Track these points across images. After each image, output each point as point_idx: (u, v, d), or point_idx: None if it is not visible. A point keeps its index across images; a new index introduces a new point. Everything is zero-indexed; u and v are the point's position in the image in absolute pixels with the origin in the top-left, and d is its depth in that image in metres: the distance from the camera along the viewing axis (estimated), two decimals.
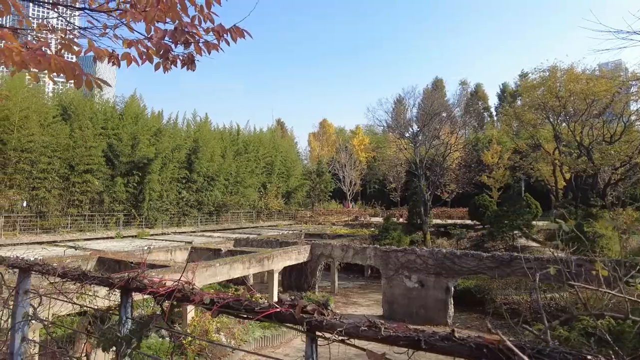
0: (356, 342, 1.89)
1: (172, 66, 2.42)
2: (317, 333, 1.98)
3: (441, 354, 1.62)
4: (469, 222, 32.44)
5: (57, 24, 3.60)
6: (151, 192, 26.66)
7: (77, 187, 23.36)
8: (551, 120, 30.52)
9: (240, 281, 19.93)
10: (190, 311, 13.08)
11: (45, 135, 21.59)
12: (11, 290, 3.85)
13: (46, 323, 3.67)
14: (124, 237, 24.43)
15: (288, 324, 2.05)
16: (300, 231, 29.75)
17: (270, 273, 18.54)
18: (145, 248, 19.21)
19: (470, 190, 33.77)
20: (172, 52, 2.25)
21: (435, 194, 31.19)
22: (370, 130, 65.46)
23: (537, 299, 12.56)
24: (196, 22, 2.12)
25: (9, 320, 3.86)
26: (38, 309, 3.70)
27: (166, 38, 2.25)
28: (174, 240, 22.55)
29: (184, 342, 11.05)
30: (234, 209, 34.52)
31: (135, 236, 25.08)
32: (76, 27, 2.70)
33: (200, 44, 2.34)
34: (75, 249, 17.55)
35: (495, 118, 72.16)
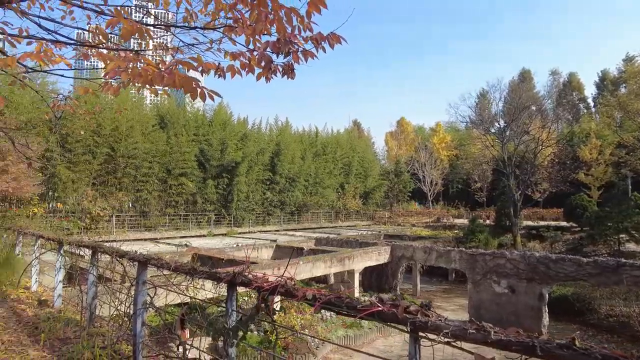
0: (462, 344, 1.86)
1: (272, 75, 2.57)
2: (421, 334, 1.98)
3: None
4: (564, 223, 29.82)
5: (163, 42, 4.01)
6: (239, 193, 28.30)
7: (173, 189, 25.60)
8: None
9: (322, 279, 20.34)
10: (275, 308, 13.65)
11: (146, 142, 23.98)
12: (132, 281, 4.37)
13: (160, 311, 4.10)
14: (215, 235, 26.21)
15: (390, 323, 2.08)
16: (379, 232, 29.52)
17: (351, 273, 18.67)
18: (234, 245, 20.42)
19: (565, 189, 30.82)
20: (274, 62, 2.40)
21: (526, 194, 28.96)
22: (452, 127, 62.69)
23: None
24: (296, 31, 2.24)
25: (131, 306, 4.38)
26: (153, 298, 4.15)
27: (268, 49, 2.41)
28: (259, 239, 23.69)
29: (270, 336, 11.57)
30: (313, 209, 35.31)
31: (225, 234, 26.77)
32: (185, 44, 2.99)
33: (299, 53, 2.46)
34: (180, 246, 19.15)
35: (593, 109, 64.99)
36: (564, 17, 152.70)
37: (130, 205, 24.44)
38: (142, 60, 2.00)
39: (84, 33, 4.17)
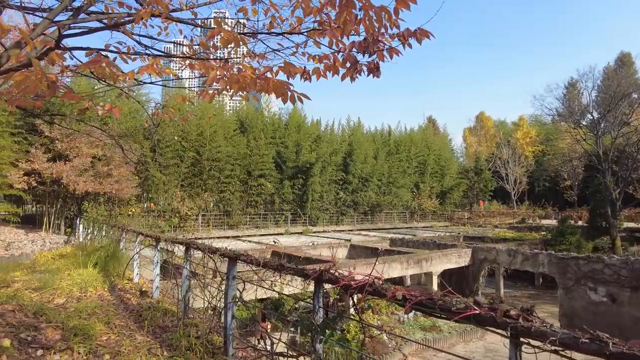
0: (572, 354, 1.72)
1: (357, 75, 2.59)
2: (522, 339, 1.87)
3: None
4: None
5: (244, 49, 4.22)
6: (313, 193, 28.89)
7: (253, 189, 26.85)
8: None
9: (397, 281, 20.00)
10: (352, 306, 13.70)
11: (228, 146, 25.45)
12: (222, 276, 4.66)
13: (248, 305, 4.32)
14: (291, 233, 27.01)
15: (488, 327, 1.99)
16: (458, 233, 28.34)
17: (429, 275, 18.15)
18: (310, 244, 20.86)
19: None
20: (359, 62, 2.42)
21: (626, 192, 25.94)
22: (537, 121, 58.03)
23: None
24: (382, 30, 2.23)
25: (221, 299, 4.68)
26: (242, 293, 4.38)
27: (353, 49, 2.42)
28: (333, 238, 23.94)
29: (347, 335, 11.63)
30: (387, 209, 34.86)
31: (301, 233, 27.46)
32: (271, 50, 3.11)
33: (384, 51, 2.44)
34: (260, 243, 20.03)
35: None
36: None
37: (214, 205, 26.05)
38: (241, 68, 2.13)
39: (175, 46, 4.53)
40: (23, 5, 4.76)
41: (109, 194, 17.97)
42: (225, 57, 3.19)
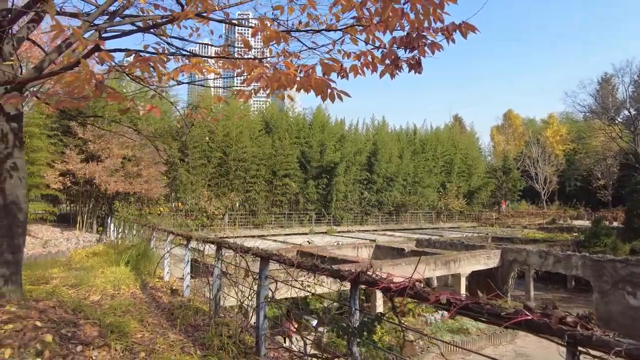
0: None
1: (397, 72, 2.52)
2: (581, 349, 1.77)
3: None
4: None
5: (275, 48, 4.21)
6: (337, 193, 28.82)
7: (278, 189, 27.02)
8: None
9: (426, 284, 19.71)
10: (378, 307, 13.54)
11: (254, 146, 25.69)
12: (254, 275, 4.67)
13: (281, 305, 4.31)
14: (316, 233, 27.02)
15: (541, 334, 1.89)
16: (486, 234, 27.72)
17: (457, 277, 17.80)
18: (335, 244, 20.80)
19: None
20: (400, 58, 2.35)
21: None
22: (568, 118, 56.11)
23: None
24: (425, 24, 2.16)
25: (252, 299, 4.68)
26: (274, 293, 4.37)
27: (394, 45, 2.36)
28: (358, 238, 23.80)
29: (373, 337, 11.51)
30: (412, 209, 34.42)
31: (325, 233, 27.45)
32: (307, 48, 3.07)
33: (426, 47, 2.36)
34: (285, 243, 20.10)
35: None
36: None
37: (240, 205, 26.35)
38: (285, 66, 2.11)
39: (201, 47, 4.56)
40: (62, 10, 4.89)
41: (138, 193, 18.42)
42: (257, 57, 3.17)
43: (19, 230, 4.34)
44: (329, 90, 2.21)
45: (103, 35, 4.69)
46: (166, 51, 3.60)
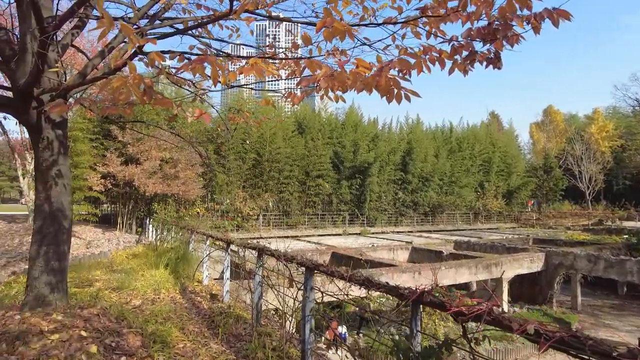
0: None
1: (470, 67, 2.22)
2: None
3: None
4: None
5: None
6: (371, 194, 28.38)
7: (311, 190, 26.88)
8: None
9: (461, 286, 19.00)
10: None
11: (287, 147, 25.66)
12: (298, 285, 4.46)
13: (327, 317, 4.07)
14: (349, 234, 26.72)
15: None
16: (527, 235, 26.58)
17: (498, 281, 17.06)
18: (370, 246, 20.43)
19: None
20: (477, 52, 2.05)
21: None
22: (615, 113, 53.04)
23: None
24: (517, 10, 1.85)
25: (296, 306, 4.48)
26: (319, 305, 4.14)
27: (468, 37, 2.06)
28: (393, 240, 23.31)
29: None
30: (449, 209, 33.48)
31: (359, 234, 27.11)
32: (361, 44, 2.81)
33: (504, 39, 2.05)
34: (318, 244, 19.92)
35: None
36: None
37: (274, 205, 26.40)
38: (355, 63, 1.87)
39: (234, 47, 4.37)
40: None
41: (176, 195, 18.72)
42: (304, 56, 2.94)
43: (64, 238, 4.32)
44: (395, 91, 1.95)
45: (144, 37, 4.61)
46: (208, 52, 3.42)
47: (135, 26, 4.43)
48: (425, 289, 2.63)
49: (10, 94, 4.26)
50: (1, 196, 77.59)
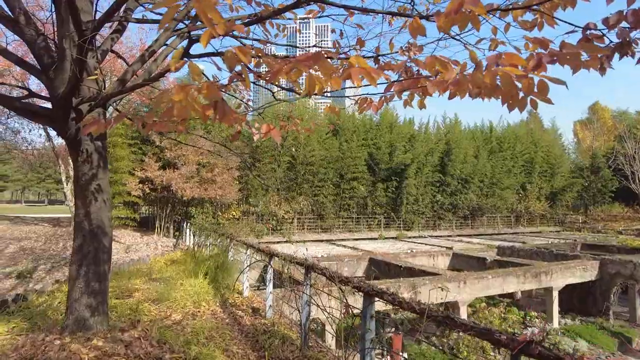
0: None
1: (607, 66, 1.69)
2: None
3: None
4: None
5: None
6: (408, 196, 27.54)
7: (346, 193, 26.36)
8: None
9: (508, 295, 18.00)
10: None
11: (321, 150, 25.26)
12: (354, 310, 4.01)
13: (397, 352, 3.61)
14: (385, 238, 26.05)
15: None
16: (575, 240, 25.06)
17: (548, 291, 16.01)
18: (408, 251, 19.74)
19: None
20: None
21: None
22: None
23: None
24: None
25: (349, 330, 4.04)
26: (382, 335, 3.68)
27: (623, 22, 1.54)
28: (433, 245, 22.46)
29: (460, 355, 10.42)
30: (489, 212, 32.12)
31: (395, 238, 26.38)
32: (455, 38, 2.33)
33: None
34: (350, 248, 19.42)
35: None
36: None
37: (308, 209, 26.09)
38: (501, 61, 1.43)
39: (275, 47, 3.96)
40: (144, 17, 4.55)
41: (213, 198, 18.71)
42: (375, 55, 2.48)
43: (105, 257, 4.06)
44: (521, 94, 1.47)
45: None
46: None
47: (176, 28, 4.12)
48: (534, 338, 2.11)
49: (49, 104, 4.05)
50: (49, 197, 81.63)
